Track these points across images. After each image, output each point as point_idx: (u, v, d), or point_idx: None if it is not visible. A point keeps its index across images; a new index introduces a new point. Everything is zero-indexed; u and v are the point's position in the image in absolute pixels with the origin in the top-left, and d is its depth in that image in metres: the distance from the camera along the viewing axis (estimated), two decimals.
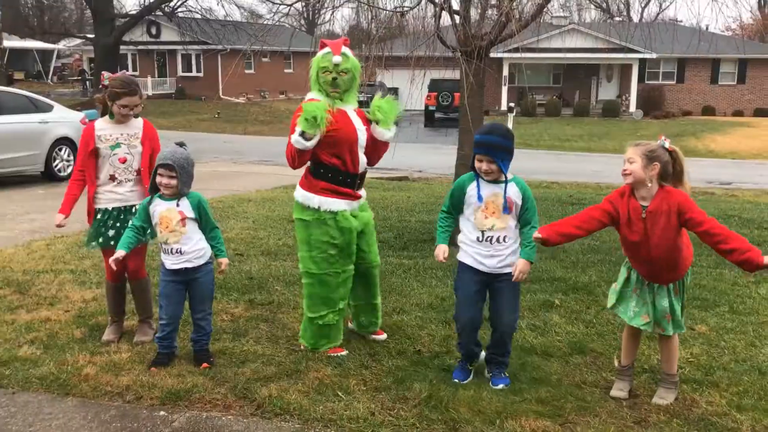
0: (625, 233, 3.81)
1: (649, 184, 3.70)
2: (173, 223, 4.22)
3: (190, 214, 4.26)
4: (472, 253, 4.03)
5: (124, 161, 4.64)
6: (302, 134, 4.23)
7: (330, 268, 4.48)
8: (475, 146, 3.96)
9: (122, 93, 4.56)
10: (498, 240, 3.97)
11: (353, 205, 4.52)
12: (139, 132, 4.69)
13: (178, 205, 4.24)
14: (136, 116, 4.72)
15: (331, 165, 4.40)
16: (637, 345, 4.17)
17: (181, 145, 4.27)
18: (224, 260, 4.34)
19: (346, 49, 4.40)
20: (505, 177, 3.95)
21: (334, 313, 4.55)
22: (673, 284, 3.86)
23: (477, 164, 3.96)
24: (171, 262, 4.27)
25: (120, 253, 4.24)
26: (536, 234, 3.77)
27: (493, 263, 3.99)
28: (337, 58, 4.31)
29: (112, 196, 4.66)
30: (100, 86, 4.71)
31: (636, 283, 3.93)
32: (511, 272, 3.96)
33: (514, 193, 3.96)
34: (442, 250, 4.03)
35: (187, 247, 4.26)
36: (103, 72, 4.72)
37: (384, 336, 4.83)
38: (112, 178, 4.65)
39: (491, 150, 3.89)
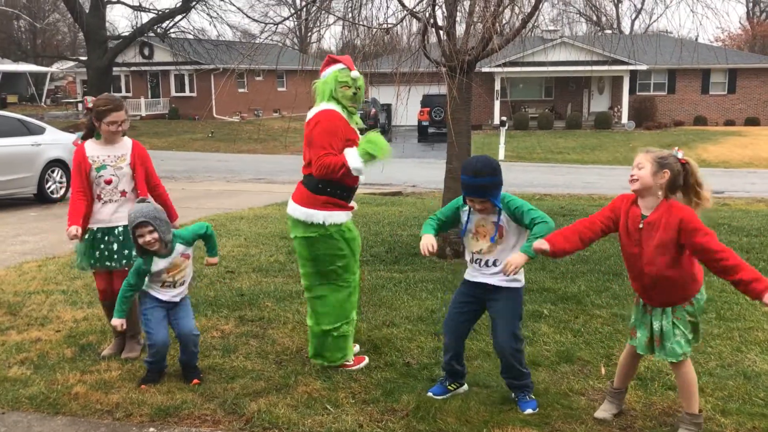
0: (623, 242, 3.63)
1: (659, 193, 3.48)
2: (183, 266, 4.41)
3: (189, 252, 4.45)
4: (468, 270, 4.07)
5: (109, 182, 4.69)
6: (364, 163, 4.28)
7: (338, 279, 4.50)
8: (465, 189, 3.83)
9: (108, 109, 4.61)
10: (486, 263, 3.96)
11: (350, 216, 4.55)
12: (127, 153, 4.75)
13: (179, 251, 4.37)
14: (123, 134, 4.78)
15: (337, 180, 4.34)
16: (632, 368, 3.90)
17: (141, 201, 4.40)
18: (213, 259, 4.69)
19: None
20: (498, 208, 3.84)
21: (348, 323, 4.57)
22: (672, 308, 3.58)
23: (469, 203, 3.88)
24: (172, 295, 4.40)
25: (119, 321, 4.32)
26: (540, 245, 3.53)
27: (486, 278, 3.96)
28: (355, 73, 4.39)
29: (98, 216, 4.72)
30: (84, 111, 4.76)
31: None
32: (505, 287, 3.91)
33: (504, 219, 3.87)
34: (427, 241, 3.85)
35: (189, 278, 4.49)
36: (85, 97, 4.79)
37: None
38: (99, 197, 4.71)
39: (481, 191, 3.77)
